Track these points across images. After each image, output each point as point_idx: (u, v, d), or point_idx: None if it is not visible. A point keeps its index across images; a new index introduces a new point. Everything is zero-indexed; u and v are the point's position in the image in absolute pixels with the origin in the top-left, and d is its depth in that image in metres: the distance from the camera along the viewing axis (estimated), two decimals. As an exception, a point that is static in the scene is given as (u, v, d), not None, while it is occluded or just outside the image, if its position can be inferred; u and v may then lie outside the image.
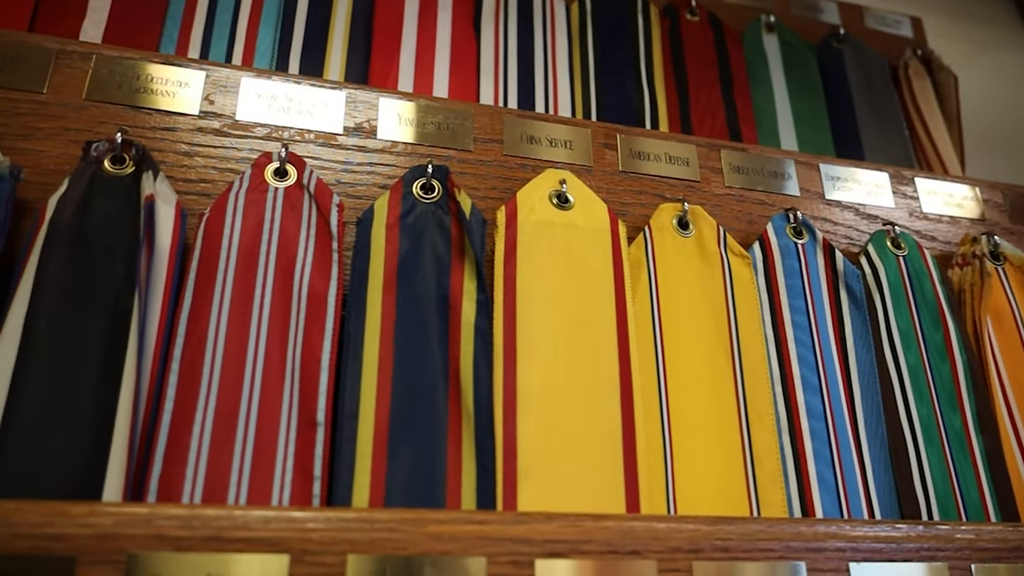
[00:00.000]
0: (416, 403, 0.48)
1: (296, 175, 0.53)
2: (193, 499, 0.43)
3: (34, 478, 0.40)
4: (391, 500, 0.45)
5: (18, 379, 0.42)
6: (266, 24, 0.73)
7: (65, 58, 0.55)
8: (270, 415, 0.46)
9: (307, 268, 0.50)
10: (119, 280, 0.46)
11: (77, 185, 0.48)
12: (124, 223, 0.48)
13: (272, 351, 0.47)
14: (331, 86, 0.61)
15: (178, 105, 0.56)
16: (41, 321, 0.44)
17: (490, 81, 0.79)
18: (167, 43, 0.70)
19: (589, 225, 0.57)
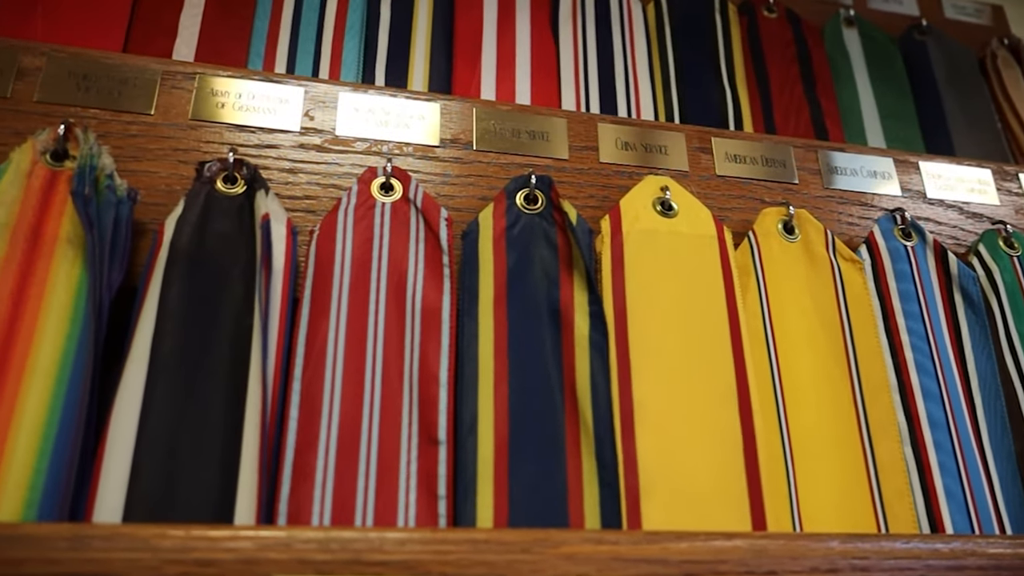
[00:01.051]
0: (534, 419, 0.47)
1: (402, 189, 0.53)
2: (323, 520, 0.43)
3: (169, 500, 0.41)
4: (515, 519, 0.45)
5: (149, 400, 0.42)
6: (350, 36, 0.73)
7: (170, 79, 0.56)
8: (391, 433, 0.45)
9: (419, 283, 0.49)
10: (238, 300, 0.46)
11: (193, 206, 0.48)
12: (240, 243, 0.48)
13: (389, 368, 0.47)
14: (426, 98, 0.60)
15: (279, 122, 0.56)
16: (167, 343, 0.44)
17: (571, 85, 0.78)
18: (254, 59, 0.71)
19: (695, 232, 0.56)
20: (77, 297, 0.44)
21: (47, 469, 0.40)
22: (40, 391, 0.41)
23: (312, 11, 0.74)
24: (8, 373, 0.41)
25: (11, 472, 0.39)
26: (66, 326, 0.43)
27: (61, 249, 0.45)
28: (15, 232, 0.45)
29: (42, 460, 0.40)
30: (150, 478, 0.41)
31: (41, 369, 0.42)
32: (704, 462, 0.48)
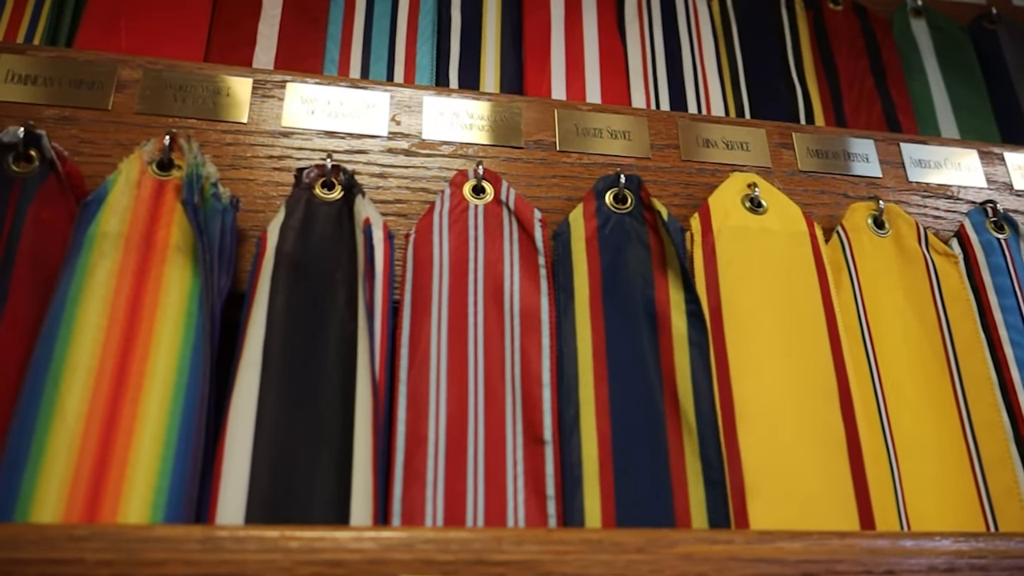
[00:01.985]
0: (636, 419, 0.47)
1: (493, 192, 0.53)
2: (436, 520, 0.43)
3: (288, 501, 0.41)
4: (623, 519, 0.45)
5: (263, 404, 0.43)
6: (423, 40, 0.73)
7: (261, 87, 0.57)
8: (496, 434, 0.46)
9: (516, 284, 0.50)
10: (342, 304, 0.47)
11: (294, 212, 0.49)
12: (341, 247, 0.49)
13: (491, 368, 0.47)
14: (508, 100, 0.60)
15: (367, 128, 0.57)
16: (278, 347, 0.45)
17: (640, 84, 0.77)
18: (329, 65, 0.72)
19: (787, 229, 0.55)
20: (189, 303, 0.45)
21: (171, 472, 0.41)
22: (160, 395, 0.42)
23: (384, 17, 0.75)
24: (129, 378, 0.42)
25: (137, 475, 0.40)
26: (180, 331, 0.44)
27: (172, 256, 0.46)
28: (128, 240, 0.46)
29: (166, 463, 0.41)
30: (269, 480, 0.41)
31: (160, 374, 0.43)
32: (809, 460, 0.47)
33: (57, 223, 0.47)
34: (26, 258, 0.45)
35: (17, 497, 0.38)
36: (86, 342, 0.42)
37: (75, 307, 0.43)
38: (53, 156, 0.47)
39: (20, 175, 0.47)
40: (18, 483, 0.38)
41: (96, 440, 0.40)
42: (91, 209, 0.46)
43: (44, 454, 0.39)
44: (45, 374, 0.41)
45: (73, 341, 0.42)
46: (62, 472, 0.39)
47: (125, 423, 0.41)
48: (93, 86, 0.54)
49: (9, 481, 0.38)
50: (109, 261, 0.44)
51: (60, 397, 0.40)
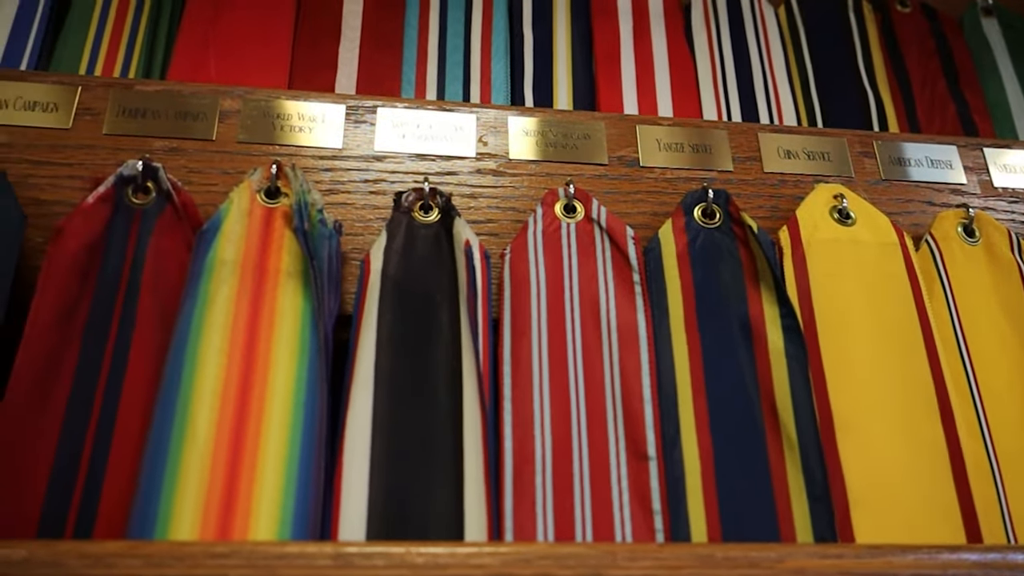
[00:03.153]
0: (736, 433, 0.48)
1: (584, 210, 0.54)
2: (547, 536, 0.44)
3: (406, 517, 0.43)
4: (728, 533, 0.45)
5: (377, 423, 0.45)
6: (497, 59, 0.75)
7: (354, 113, 0.59)
8: (600, 449, 0.46)
9: (611, 301, 0.50)
10: (445, 324, 0.48)
11: (396, 235, 0.51)
12: (441, 268, 0.50)
13: (591, 385, 0.48)
14: (590, 118, 0.62)
15: (456, 149, 0.58)
16: (388, 367, 0.46)
17: (711, 95, 0.78)
18: (406, 87, 0.74)
19: (877, 240, 0.55)
20: (303, 325, 0.47)
21: (295, 490, 0.42)
22: (281, 415, 0.44)
23: (457, 37, 0.76)
24: (251, 399, 0.44)
25: (264, 494, 0.42)
26: (296, 353, 0.46)
27: (283, 281, 0.48)
28: (243, 267, 0.48)
29: (290, 482, 0.43)
30: (387, 498, 0.43)
31: (279, 394, 0.45)
32: (913, 473, 0.47)
33: (175, 251, 0.49)
34: (149, 285, 0.47)
35: (157, 516, 0.40)
36: (210, 366, 0.44)
37: (199, 332, 0.45)
38: (169, 187, 0.50)
39: (139, 206, 0.49)
40: (156, 503, 0.40)
41: (225, 460, 0.42)
42: (207, 237, 0.48)
43: (179, 474, 0.41)
44: (175, 397, 0.43)
45: (199, 365, 0.44)
46: (195, 492, 0.41)
47: (250, 443, 0.43)
48: (198, 117, 0.56)
49: (148, 501, 0.40)
50: (227, 287, 0.47)
51: (191, 419, 0.42)
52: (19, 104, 0.54)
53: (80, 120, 0.55)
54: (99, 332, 0.46)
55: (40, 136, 0.54)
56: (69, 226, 0.46)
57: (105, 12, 0.71)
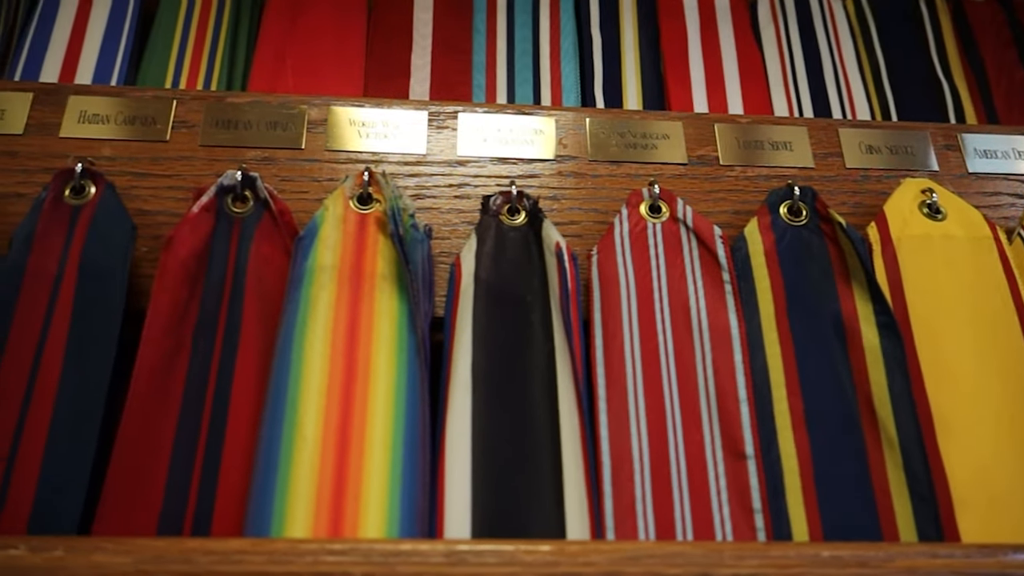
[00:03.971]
0: (834, 433, 0.47)
1: (669, 210, 0.54)
2: (648, 535, 0.44)
3: (509, 517, 0.43)
4: (830, 532, 0.45)
5: (477, 424, 0.46)
6: (566, 61, 0.75)
7: (436, 119, 0.60)
8: (696, 449, 0.47)
9: (701, 301, 0.51)
10: (537, 325, 0.49)
11: (486, 239, 0.52)
12: (531, 271, 0.51)
13: (685, 385, 0.48)
14: (668, 117, 0.62)
15: (537, 152, 0.59)
16: (484, 368, 0.47)
17: (781, 91, 0.77)
18: (476, 92, 0.75)
19: (970, 234, 0.54)
20: (399, 327, 0.48)
21: (401, 489, 0.43)
22: (383, 415, 0.45)
23: (525, 42, 0.77)
24: (354, 401, 0.45)
25: (372, 493, 0.43)
26: (394, 355, 0.47)
27: (379, 285, 0.49)
28: (340, 272, 0.49)
29: (395, 481, 0.44)
30: (490, 497, 0.44)
31: (381, 395, 0.46)
32: (1018, 470, 0.46)
33: (274, 257, 0.50)
34: (252, 291, 0.49)
35: (272, 515, 0.41)
36: (315, 368, 0.45)
37: (303, 336, 0.46)
38: (266, 196, 0.51)
39: (239, 215, 0.51)
40: (271, 502, 0.42)
41: (333, 460, 0.43)
42: (305, 244, 0.49)
43: (291, 475, 0.42)
44: (284, 399, 0.44)
45: (304, 367, 0.45)
46: (307, 491, 0.42)
47: (355, 443, 0.44)
48: (286, 127, 0.58)
49: (264, 501, 0.42)
50: (327, 292, 0.48)
51: (299, 420, 0.44)
52: (120, 119, 0.56)
53: (177, 132, 0.57)
54: (207, 335, 0.47)
55: (141, 149, 0.56)
56: (178, 235, 0.48)
57: (187, 29, 0.74)
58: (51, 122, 0.56)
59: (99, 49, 0.71)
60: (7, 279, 0.47)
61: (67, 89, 0.57)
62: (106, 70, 0.70)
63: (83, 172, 0.50)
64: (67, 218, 0.49)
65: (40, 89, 0.57)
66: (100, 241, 0.48)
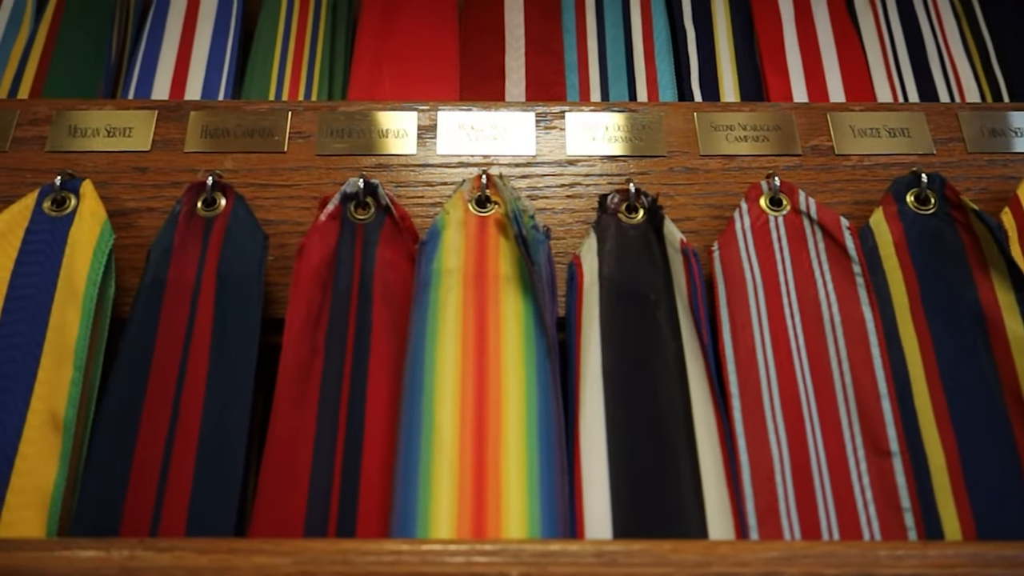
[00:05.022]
0: (981, 426, 0.46)
1: (790, 202, 0.53)
2: (793, 534, 0.43)
3: (650, 518, 0.43)
4: (983, 530, 0.43)
5: (611, 423, 0.45)
6: (661, 57, 0.74)
7: (543, 120, 0.60)
8: (836, 446, 0.45)
9: (831, 295, 0.49)
10: (663, 323, 0.48)
11: (607, 237, 0.52)
12: (653, 268, 0.50)
13: (820, 381, 0.47)
14: (778, 108, 0.60)
15: (648, 149, 0.59)
16: (614, 367, 0.47)
17: (883, 75, 0.75)
18: (571, 92, 0.74)
19: (1113, 217, 0.52)
20: (527, 328, 0.48)
21: (539, 489, 0.43)
22: (516, 415, 0.45)
23: (617, 40, 0.77)
24: (488, 402, 0.45)
25: (511, 494, 0.43)
26: (523, 355, 0.47)
27: (503, 286, 0.49)
28: (465, 275, 0.49)
29: (533, 481, 0.44)
30: (629, 495, 0.43)
31: (513, 395, 0.46)
32: None
33: (398, 262, 0.51)
34: (379, 295, 0.50)
35: (416, 517, 0.42)
36: (447, 371, 0.46)
37: (433, 339, 0.47)
38: (388, 202, 0.52)
39: (361, 221, 0.52)
40: (415, 504, 0.42)
41: (471, 462, 0.44)
42: (429, 248, 0.50)
43: (431, 477, 0.43)
44: (419, 402, 0.45)
45: (437, 371, 0.46)
46: (449, 492, 0.43)
47: (492, 444, 0.44)
48: (398, 134, 0.59)
49: (407, 503, 0.42)
50: (453, 295, 0.48)
51: (436, 423, 0.44)
52: (239, 132, 0.58)
53: (294, 143, 0.58)
54: (338, 340, 0.48)
55: (260, 160, 0.57)
56: (308, 243, 0.49)
57: (286, 43, 0.76)
58: (175, 138, 0.58)
59: (205, 66, 0.73)
60: (151, 291, 0.48)
61: (188, 105, 0.60)
62: (213, 86, 0.72)
63: (214, 185, 0.52)
64: (201, 230, 0.51)
65: (163, 107, 0.59)
66: (235, 251, 0.50)
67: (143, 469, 0.44)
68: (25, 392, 0.46)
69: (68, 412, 0.45)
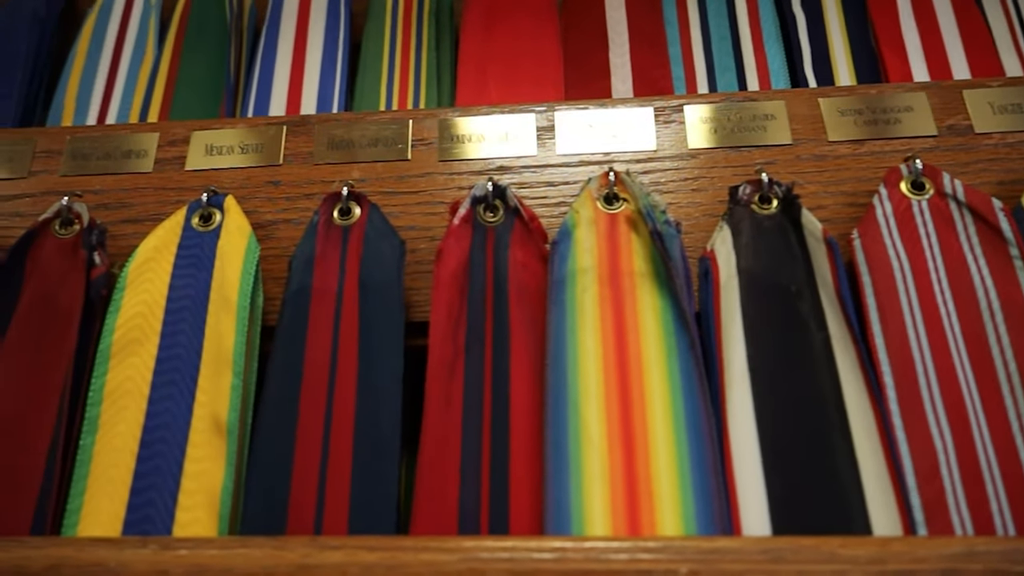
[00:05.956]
0: None
1: (934, 186, 0.51)
2: (964, 529, 0.42)
3: (810, 513, 0.42)
4: None
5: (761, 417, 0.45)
6: (770, 43, 0.73)
7: (662, 114, 0.59)
8: (1004, 437, 0.43)
9: (987, 279, 0.47)
10: (807, 314, 0.47)
11: (742, 229, 0.51)
12: (792, 259, 0.49)
13: (980, 369, 0.45)
14: (910, 88, 0.58)
15: (773, 138, 0.57)
16: (760, 362, 0.46)
17: (1010, 48, 0.71)
18: (677, 84, 0.73)
19: None
20: (666, 324, 0.48)
21: (692, 486, 0.43)
22: (663, 412, 0.45)
23: (722, 28, 0.75)
24: (632, 400, 0.45)
25: (664, 491, 0.43)
26: (664, 351, 0.47)
27: (639, 283, 0.49)
28: (600, 273, 0.49)
29: (684, 476, 0.43)
30: (785, 491, 0.43)
31: (657, 392, 0.45)
32: None
33: (531, 264, 0.52)
34: (515, 296, 0.50)
35: (571, 515, 0.42)
36: (590, 370, 0.46)
37: (575, 339, 0.47)
38: (516, 204, 0.53)
39: (491, 224, 0.53)
40: (568, 503, 0.42)
41: (621, 459, 0.44)
42: (561, 248, 0.50)
43: (582, 475, 0.43)
44: (565, 401, 0.45)
45: (580, 369, 0.46)
46: (601, 490, 0.43)
47: (640, 441, 0.44)
48: (518, 137, 0.59)
49: (560, 502, 0.42)
50: (590, 294, 0.48)
51: (583, 421, 0.44)
52: (363, 142, 0.60)
53: (416, 150, 0.59)
54: (478, 342, 0.49)
55: (386, 169, 0.59)
56: (445, 247, 0.50)
57: (392, 54, 0.77)
58: (304, 151, 0.60)
59: (318, 81, 0.75)
60: (297, 299, 0.50)
61: (313, 119, 0.62)
62: (326, 99, 0.74)
63: (348, 194, 0.53)
64: (339, 239, 0.53)
65: (290, 122, 0.61)
66: (374, 258, 0.51)
67: (303, 471, 0.45)
68: (188, 398, 0.48)
69: (231, 416, 0.47)
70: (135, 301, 0.51)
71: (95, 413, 0.48)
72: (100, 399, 0.48)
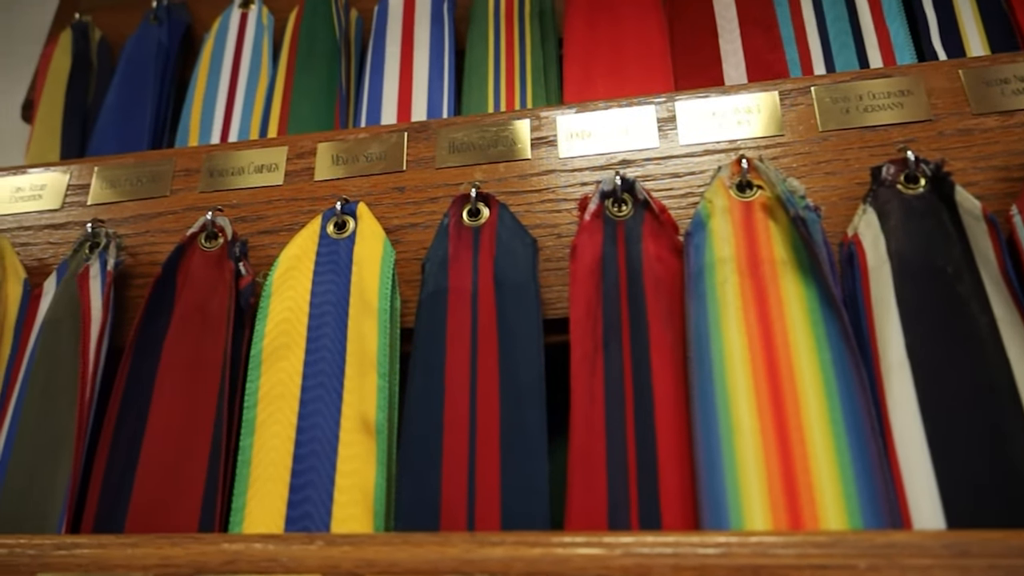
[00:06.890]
0: None
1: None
2: None
3: (990, 503, 0.40)
4: None
5: (926, 406, 0.43)
6: (891, 16, 0.70)
7: (787, 97, 0.58)
8: None
9: None
10: (967, 296, 0.45)
11: (888, 210, 0.49)
12: (945, 240, 0.47)
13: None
14: (1058, 53, 0.55)
15: (908, 115, 0.55)
16: (920, 348, 0.44)
17: None
18: (792, 67, 0.71)
19: None
20: (812, 311, 0.46)
21: (855, 478, 0.41)
22: (816, 400, 0.43)
23: (836, 5, 0.73)
24: (783, 390, 0.44)
25: (824, 483, 0.41)
26: (813, 339, 0.45)
27: (781, 271, 0.48)
28: (739, 262, 0.48)
29: (845, 468, 0.42)
30: (959, 482, 0.40)
31: (808, 380, 0.44)
32: None
33: (664, 256, 0.51)
34: (651, 289, 0.50)
35: (728, 510, 0.41)
36: (736, 360, 0.45)
37: (717, 329, 0.46)
38: (646, 197, 0.52)
39: (621, 218, 0.52)
40: (724, 497, 0.41)
41: (776, 450, 0.42)
42: (696, 239, 0.49)
43: (736, 468, 0.42)
44: (712, 394, 0.44)
45: (726, 361, 0.45)
46: (757, 484, 0.42)
47: (795, 434, 0.43)
48: (637, 129, 0.58)
49: (716, 496, 0.41)
50: (730, 284, 0.47)
51: (732, 413, 0.43)
52: (483, 144, 0.60)
53: (536, 149, 0.60)
54: (615, 336, 0.49)
55: (508, 169, 0.59)
56: (579, 243, 0.50)
57: (497, 56, 0.78)
58: (426, 156, 0.61)
59: (427, 88, 0.77)
60: (434, 299, 0.51)
61: (433, 124, 0.63)
62: (436, 105, 0.76)
63: (477, 195, 0.54)
64: (471, 239, 0.53)
65: (410, 128, 0.63)
66: (508, 257, 0.51)
67: (452, 469, 0.46)
68: (336, 399, 0.49)
69: (379, 416, 0.48)
70: (281, 308, 0.53)
71: (251, 416, 0.50)
72: (255, 402, 0.50)
